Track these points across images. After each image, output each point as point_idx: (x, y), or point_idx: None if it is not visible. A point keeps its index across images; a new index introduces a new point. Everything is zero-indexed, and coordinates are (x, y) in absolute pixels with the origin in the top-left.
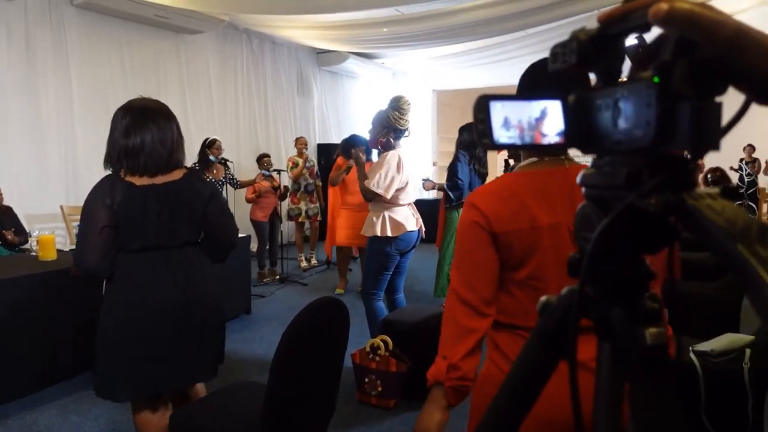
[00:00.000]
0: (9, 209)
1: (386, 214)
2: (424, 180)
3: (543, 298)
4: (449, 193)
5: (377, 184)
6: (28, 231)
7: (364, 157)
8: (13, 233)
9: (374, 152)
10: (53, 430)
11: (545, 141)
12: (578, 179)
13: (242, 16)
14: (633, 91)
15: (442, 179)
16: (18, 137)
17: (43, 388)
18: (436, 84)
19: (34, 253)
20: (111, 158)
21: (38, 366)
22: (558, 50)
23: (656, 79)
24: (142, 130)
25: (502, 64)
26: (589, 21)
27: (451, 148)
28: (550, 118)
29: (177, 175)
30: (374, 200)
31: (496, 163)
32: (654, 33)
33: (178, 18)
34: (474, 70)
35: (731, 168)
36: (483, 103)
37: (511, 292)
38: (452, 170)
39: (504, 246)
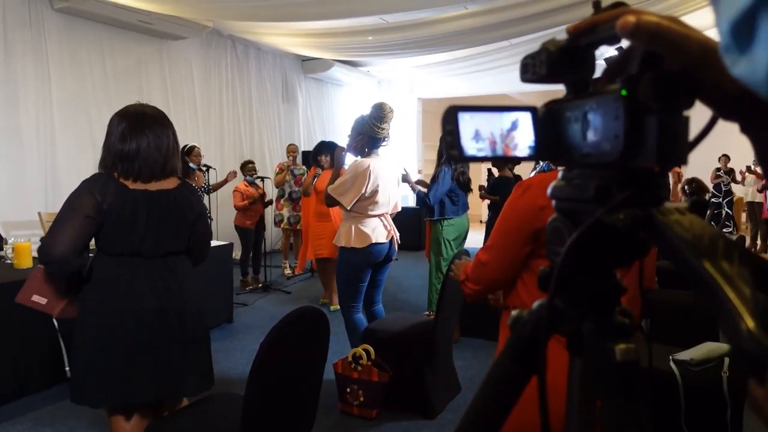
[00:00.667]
0: None
1: (354, 225)
2: (403, 174)
3: (514, 312)
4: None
5: (337, 190)
6: (4, 238)
7: (341, 161)
8: None
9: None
10: None
11: (516, 153)
12: (548, 191)
13: (227, 22)
14: (601, 104)
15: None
16: None
17: (17, 399)
18: (422, 92)
19: (9, 261)
20: (106, 162)
21: (12, 376)
22: (528, 61)
23: (624, 92)
24: (138, 136)
25: (486, 73)
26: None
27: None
28: (521, 130)
29: (171, 183)
30: (334, 206)
31: (481, 172)
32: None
33: (162, 24)
34: (459, 79)
35: (715, 176)
36: (451, 115)
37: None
38: (430, 186)
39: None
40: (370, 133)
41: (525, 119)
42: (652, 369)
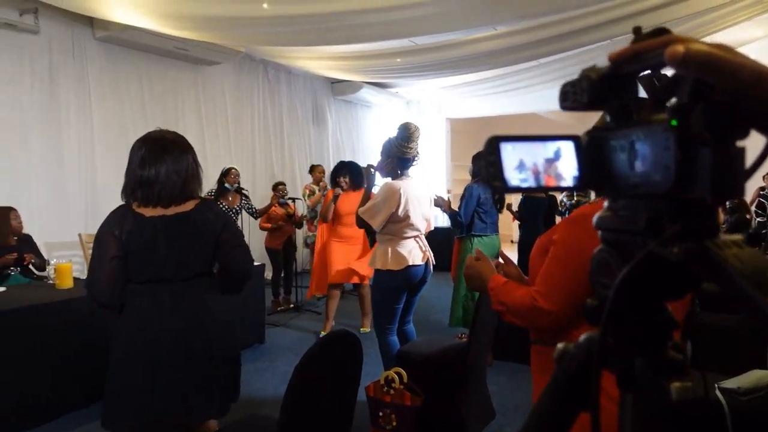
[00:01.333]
0: (29, 237)
1: (390, 247)
2: (437, 197)
3: (560, 346)
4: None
5: (368, 213)
6: (46, 259)
7: (371, 182)
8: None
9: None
10: None
11: (560, 183)
12: (594, 222)
13: (259, 47)
14: (650, 134)
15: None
16: (39, 166)
17: (56, 418)
18: (450, 112)
19: (51, 281)
20: (127, 189)
21: (51, 395)
22: (568, 89)
23: (674, 123)
24: (157, 162)
25: (515, 93)
26: (602, 50)
27: (465, 175)
28: (565, 159)
29: (189, 206)
30: (363, 228)
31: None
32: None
33: (197, 50)
34: (487, 99)
35: (759, 194)
36: (493, 145)
37: None
38: (460, 203)
39: None
40: (398, 155)
41: (568, 148)
42: (707, 401)
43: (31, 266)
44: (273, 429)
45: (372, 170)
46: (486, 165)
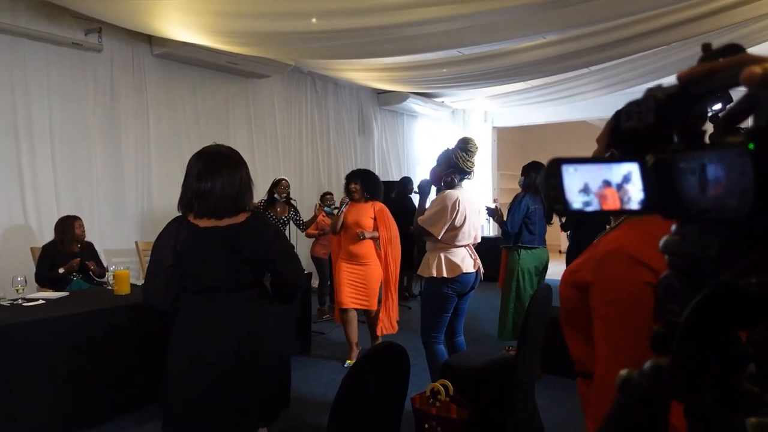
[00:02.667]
0: (90, 245)
1: (443, 254)
2: (491, 208)
3: (623, 373)
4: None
5: (429, 221)
6: (105, 265)
7: (426, 191)
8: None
9: (432, 189)
10: None
11: (627, 206)
12: (660, 246)
13: (307, 60)
14: (723, 157)
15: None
16: (101, 177)
17: (113, 419)
18: (497, 121)
19: (110, 287)
20: (183, 201)
21: (109, 396)
22: (633, 108)
23: (751, 146)
24: (213, 175)
25: (565, 101)
26: (653, 56)
27: (512, 185)
28: (632, 182)
29: (241, 218)
30: (427, 239)
31: None
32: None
33: (248, 64)
34: (535, 107)
35: None
36: (554, 168)
37: None
38: (508, 213)
39: None
40: (460, 166)
41: (634, 171)
42: None
43: (91, 273)
44: None
45: (426, 183)
46: (546, 188)
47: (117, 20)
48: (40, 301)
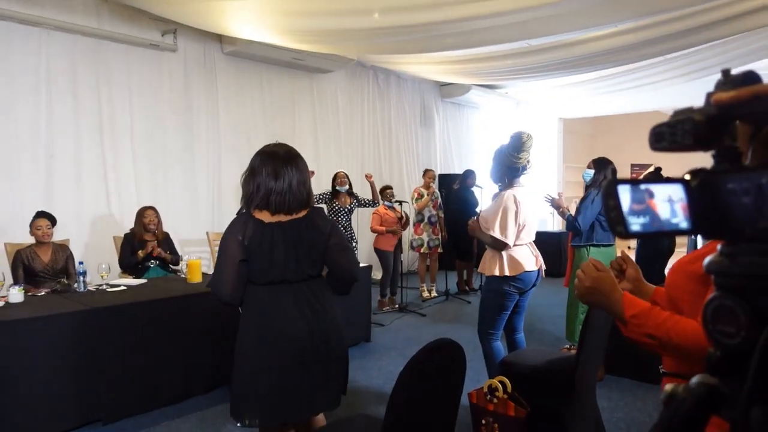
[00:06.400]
0: (168, 235)
1: (504, 252)
2: (552, 198)
3: (668, 387)
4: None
5: (499, 232)
6: (180, 255)
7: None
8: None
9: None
10: None
11: (679, 227)
12: (705, 266)
13: (369, 54)
14: None
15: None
16: (176, 170)
17: (184, 400)
18: (563, 112)
19: (183, 275)
20: (254, 198)
21: (182, 377)
22: (664, 130)
23: None
24: (288, 174)
25: (637, 90)
26: (726, 44)
27: (579, 178)
28: (681, 201)
29: (302, 213)
30: (504, 250)
31: None
32: None
33: (312, 60)
34: (604, 97)
35: None
36: (612, 189)
37: None
38: (577, 210)
39: None
40: (508, 164)
41: (679, 192)
42: None
43: (167, 261)
44: (378, 428)
45: (469, 177)
46: (607, 210)
47: (191, 21)
48: (122, 287)
